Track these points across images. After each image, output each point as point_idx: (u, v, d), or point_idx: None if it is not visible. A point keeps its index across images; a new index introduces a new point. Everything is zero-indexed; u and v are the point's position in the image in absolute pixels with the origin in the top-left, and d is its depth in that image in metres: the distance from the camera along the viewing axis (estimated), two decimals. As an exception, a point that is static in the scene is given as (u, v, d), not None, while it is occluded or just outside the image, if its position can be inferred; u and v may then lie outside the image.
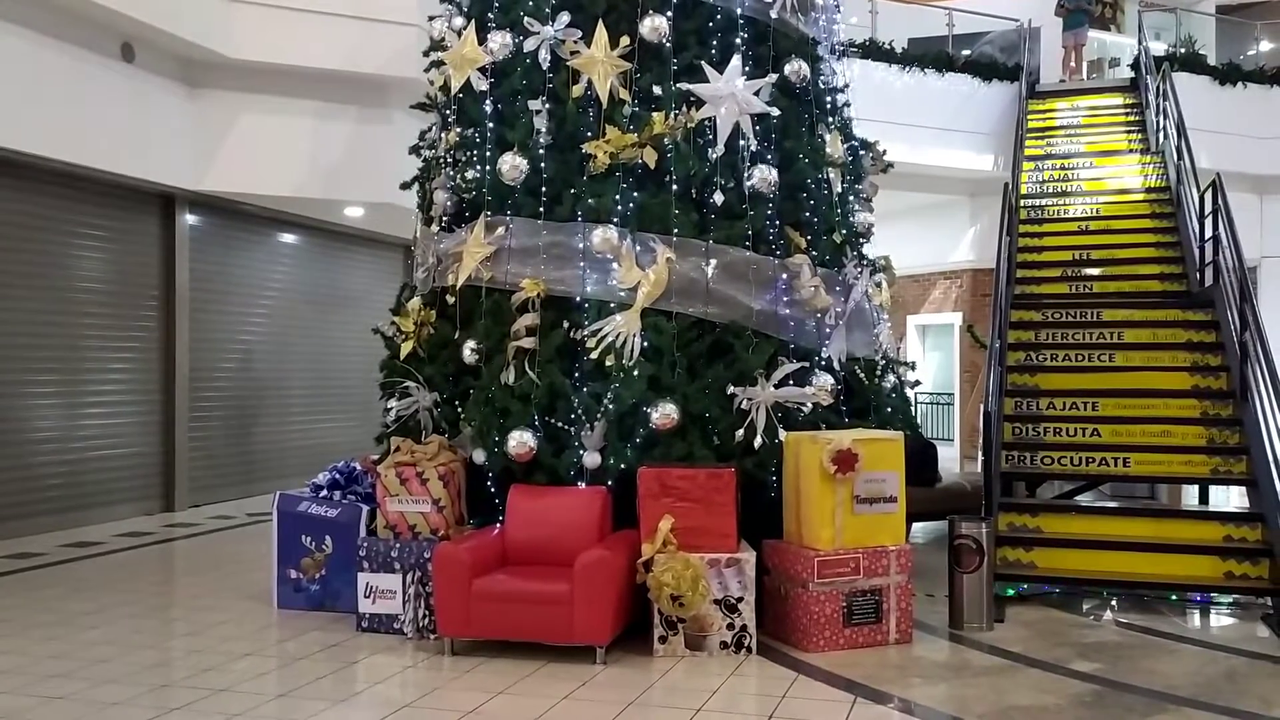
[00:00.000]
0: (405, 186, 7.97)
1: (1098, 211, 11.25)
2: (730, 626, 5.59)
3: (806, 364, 6.60)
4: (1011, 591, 6.80)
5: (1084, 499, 9.01)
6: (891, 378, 7.67)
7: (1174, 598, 6.91)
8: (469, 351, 6.63)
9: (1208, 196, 9.10)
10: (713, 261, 6.48)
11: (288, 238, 12.69)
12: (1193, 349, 8.49)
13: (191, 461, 11.05)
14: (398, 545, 6.06)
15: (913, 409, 8.96)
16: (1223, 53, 17.24)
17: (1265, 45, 18.13)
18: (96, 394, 10.09)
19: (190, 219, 11.06)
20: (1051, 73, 16.07)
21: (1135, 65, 14.68)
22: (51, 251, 9.60)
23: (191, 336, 11.06)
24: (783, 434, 6.16)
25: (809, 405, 6.44)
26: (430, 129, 7.79)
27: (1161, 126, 12.20)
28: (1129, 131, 13.18)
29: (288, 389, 12.63)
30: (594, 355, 6.25)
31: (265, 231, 12.32)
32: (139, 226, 10.57)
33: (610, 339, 6.24)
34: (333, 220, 12.75)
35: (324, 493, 6.80)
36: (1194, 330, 8.65)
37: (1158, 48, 15.45)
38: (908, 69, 14.62)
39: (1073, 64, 16.04)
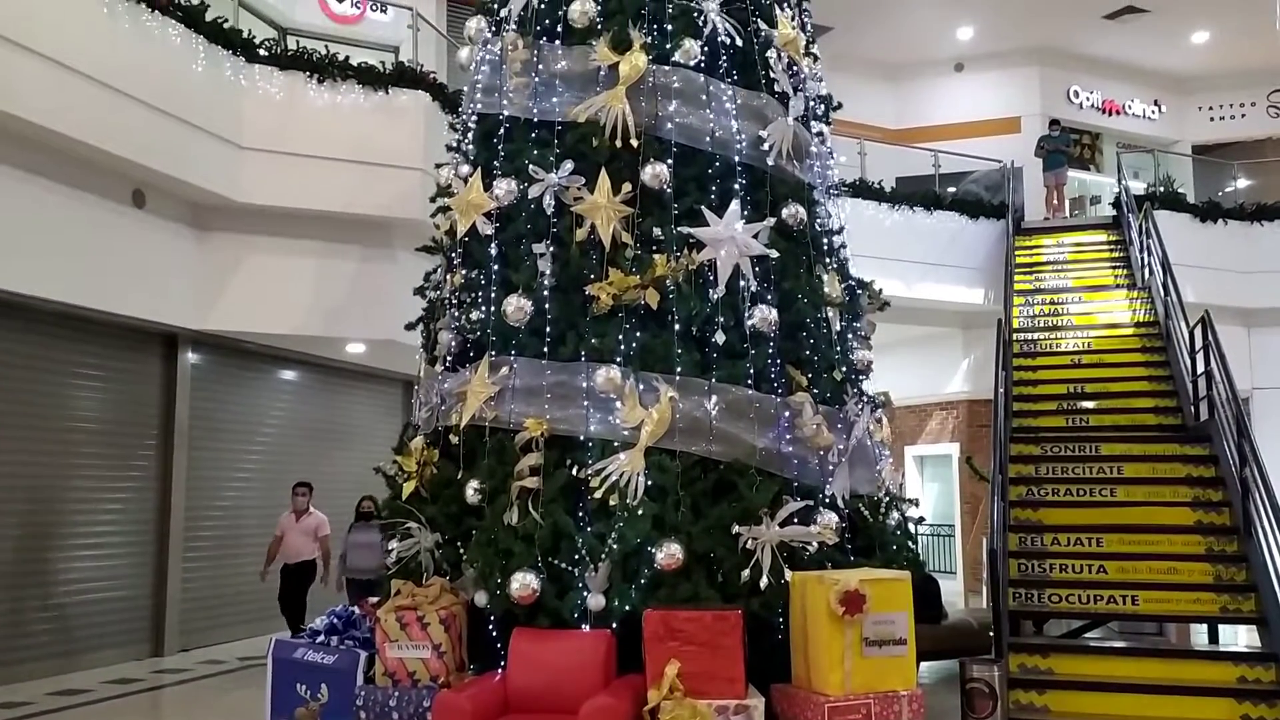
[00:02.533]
0: (410, 327, 8.09)
1: (1089, 345, 11.38)
2: (740, 777, 5.42)
3: (810, 502, 6.58)
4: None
5: (1093, 636, 8.85)
6: (895, 514, 7.64)
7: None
8: (472, 491, 6.61)
9: (1198, 332, 9.24)
10: (715, 399, 6.54)
11: (288, 374, 12.77)
12: (1193, 484, 8.49)
13: (183, 604, 10.83)
14: (396, 693, 5.91)
15: (913, 542, 8.90)
16: (1201, 190, 17.80)
17: (1242, 182, 18.73)
18: (88, 535, 9.95)
19: (192, 357, 11.14)
20: (1035, 210, 16.56)
21: (1116, 203, 15.11)
22: (50, 390, 9.62)
23: (189, 475, 11.00)
24: (788, 574, 6.10)
25: (814, 544, 6.41)
26: (435, 270, 7.95)
27: (1146, 263, 12.48)
28: (1114, 267, 13.46)
29: (284, 526, 12.47)
30: (598, 495, 6.24)
31: (266, 368, 12.40)
32: (140, 365, 10.63)
33: (614, 478, 6.25)
34: (333, 356, 12.85)
35: (321, 638, 6.66)
36: (1193, 465, 8.66)
37: (1137, 186, 15.96)
38: (897, 207, 15.05)
39: (1055, 202, 16.52)
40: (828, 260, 7.76)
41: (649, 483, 6.25)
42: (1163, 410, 9.95)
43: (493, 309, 6.93)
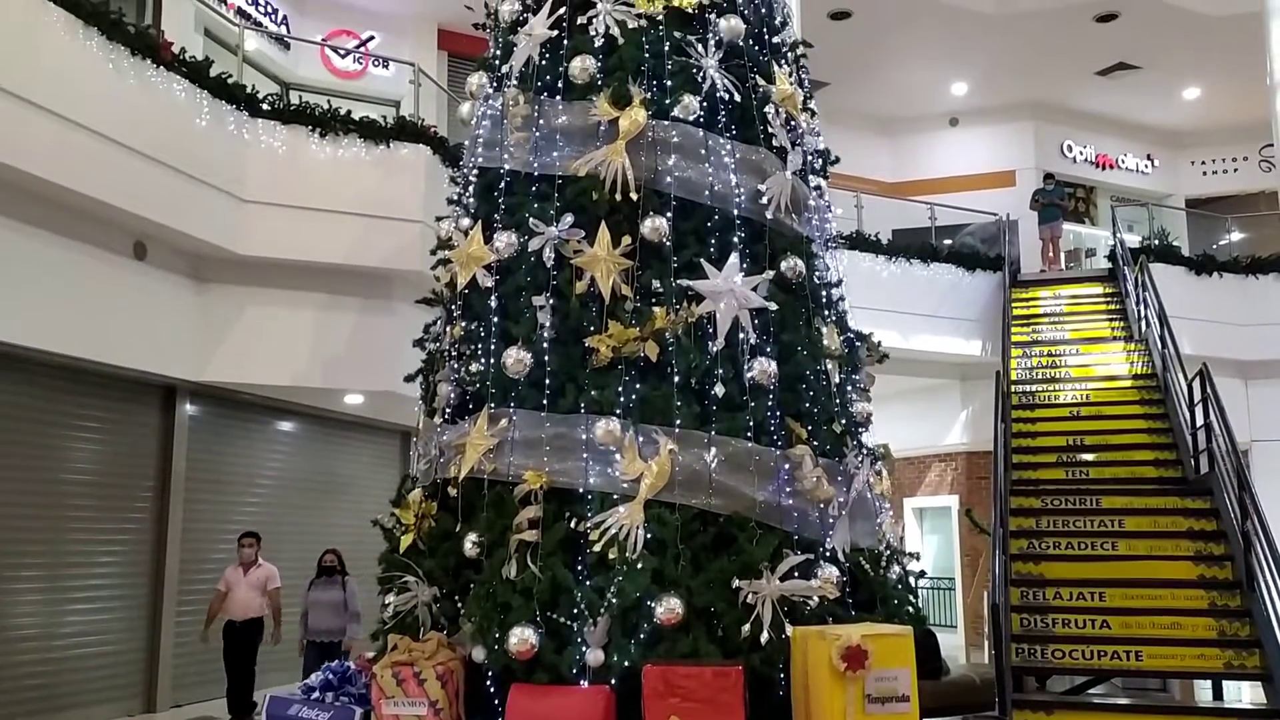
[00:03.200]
0: (409, 379, 8.08)
1: (1088, 397, 11.38)
2: (741, 838, 5.32)
3: (811, 556, 6.53)
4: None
5: (1096, 692, 8.75)
6: (896, 568, 7.58)
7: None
8: (470, 544, 6.56)
9: (1196, 384, 9.25)
10: (714, 452, 6.51)
11: (285, 425, 12.73)
12: (1195, 537, 8.45)
13: (176, 658, 10.69)
14: (393, 750, 5.82)
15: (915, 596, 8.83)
16: (1195, 243, 17.95)
17: (1236, 235, 18.89)
18: (81, 588, 9.84)
19: (190, 409, 11.10)
20: (1031, 262, 16.67)
21: (1112, 256, 15.21)
22: (45, 443, 9.57)
23: (184, 526, 10.92)
24: (789, 629, 6.03)
25: (815, 599, 6.34)
26: (435, 323, 7.96)
27: (1143, 315, 12.53)
28: (1111, 319, 13.51)
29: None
30: (597, 548, 6.19)
31: (263, 420, 12.36)
32: (138, 417, 10.60)
33: (613, 531, 6.20)
34: (331, 408, 12.82)
35: (316, 694, 6.57)
36: (1194, 518, 8.63)
37: (1132, 239, 16.07)
38: (894, 259, 15.13)
39: (1051, 255, 16.66)
40: (826, 313, 7.77)
41: (648, 536, 6.20)
42: (1163, 463, 9.93)
43: (492, 361, 6.93)
